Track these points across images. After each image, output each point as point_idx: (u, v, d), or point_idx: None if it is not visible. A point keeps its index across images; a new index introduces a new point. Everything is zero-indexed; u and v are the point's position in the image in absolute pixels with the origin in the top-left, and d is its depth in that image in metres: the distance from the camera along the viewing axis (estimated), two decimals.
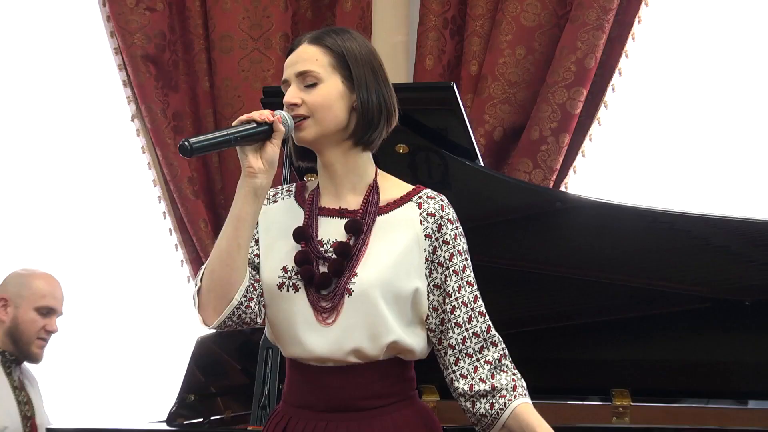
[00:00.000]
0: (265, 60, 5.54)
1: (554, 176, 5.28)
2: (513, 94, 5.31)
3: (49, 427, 4.61)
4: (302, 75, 2.95)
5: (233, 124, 2.84)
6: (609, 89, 5.31)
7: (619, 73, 5.31)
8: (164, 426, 4.20)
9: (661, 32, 5.36)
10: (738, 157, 5.30)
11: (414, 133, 4.25)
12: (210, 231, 5.50)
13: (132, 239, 5.69)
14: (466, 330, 2.98)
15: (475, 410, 2.98)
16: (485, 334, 3.00)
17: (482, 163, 4.47)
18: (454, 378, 3.00)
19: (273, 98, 4.28)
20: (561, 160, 5.28)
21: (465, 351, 2.99)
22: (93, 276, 5.33)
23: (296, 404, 3.01)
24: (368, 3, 5.51)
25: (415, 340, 2.98)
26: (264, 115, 2.85)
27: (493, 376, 2.97)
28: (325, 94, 2.94)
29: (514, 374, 2.99)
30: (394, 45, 5.58)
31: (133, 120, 5.58)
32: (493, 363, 2.97)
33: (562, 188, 5.30)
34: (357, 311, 2.91)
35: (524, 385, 2.97)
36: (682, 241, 4.37)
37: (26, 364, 4.76)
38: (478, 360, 2.98)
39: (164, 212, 5.60)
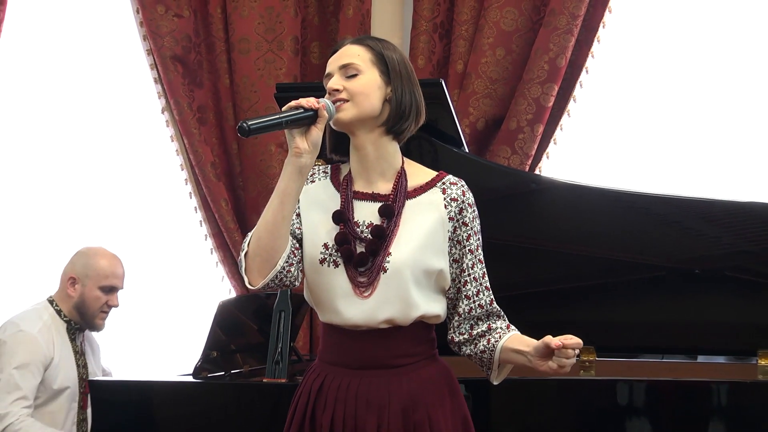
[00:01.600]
0: (278, 60, 5.53)
1: (530, 161, 5.28)
2: (494, 90, 5.31)
3: (91, 379, 4.63)
4: (345, 67, 2.96)
5: (283, 109, 2.84)
6: (577, 85, 5.31)
7: (586, 71, 5.31)
8: (191, 378, 4.20)
9: (623, 36, 5.36)
10: (688, 141, 5.33)
11: None
12: (230, 209, 5.50)
13: (162, 216, 5.70)
14: (474, 302, 3.02)
15: (477, 350, 3.03)
16: (488, 306, 3.04)
17: (467, 150, 4.47)
18: (455, 336, 3.05)
19: (285, 93, 4.30)
20: (535, 147, 5.28)
21: (467, 318, 3.03)
22: (130, 248, 5.34)
23: (331, 362, 3.03)
24: (368, 10, 5.50)
25: (440, 306, 3.01)
26: (310, 102, 2.84)
27: (489, 325, 3.02)
28: (365, 83, 2.94)
29: (507, 322, 3.05)
30: None
31: (163, 112, 5.58)
32: (487, 320, 3.03)
33: (537, 172, 5.31)
34: (390, 286, 2.93)
35: (517, 330, 3.03)
36: (641, 218, 4.38)
37: (91, 333, 4.80)
38: (474, 322, 3.03)
39: (190, 192, 5.60)
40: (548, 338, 2.87)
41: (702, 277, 4.38)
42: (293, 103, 2.85)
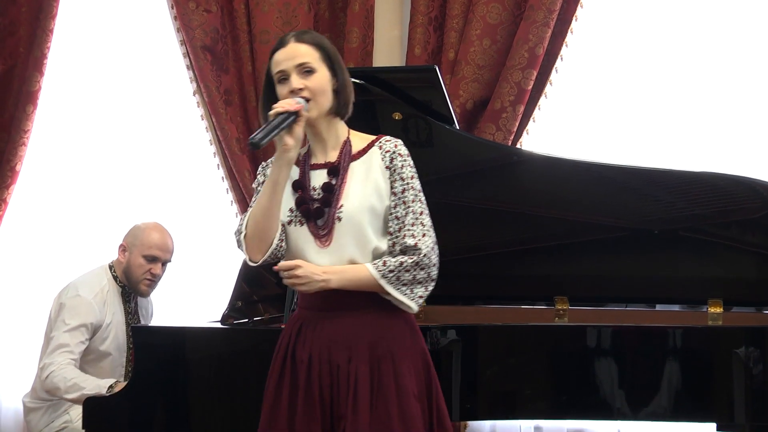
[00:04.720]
0: None
1: (512, 137, 5.27)
2: (481, 75, 5.30)
3: (133, 325, 4.64)
4: (301, 66, 3.04)
5: (270, 114, 2.95)
6: (553, 71, 5.30)
7: (561, 59, 5.30)
8: (219, 325, 4.21)
9: (593, 28, 5.36)
10: (648, 118, 5.32)
11: (407, 104, 4.25)
12: (252, 179, 5.49)
13: (195, 184, 5.71)
14: (396, 237, 3.06)
15: None
16: (401, 242, 3.05)
17: (458, 127, 4.47)
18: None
19: None
20: (517, 124, 5.27)
21: (390, 253, 3.08)
22: (167, 212, 5.35)
23: (307, 308, 3.12)
24: (371, 6, 5.48)
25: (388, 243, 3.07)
26: (291, 104, 2.96)
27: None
28: (320, 79, 3.05)
29: (396, 258, 3.03)
30: (391, 38, 5.56)
31: (194, 95, 5.58)
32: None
33: (518, 146, 5.30)
34: (345, 231, 3.03)
35: (391, 267, 3.01)
36: (607, 186, 4.39)
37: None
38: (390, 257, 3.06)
39: (218, 164, 5.60)
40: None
41: (659, 237, 4.40)
42: (279, 108, 2.96)
